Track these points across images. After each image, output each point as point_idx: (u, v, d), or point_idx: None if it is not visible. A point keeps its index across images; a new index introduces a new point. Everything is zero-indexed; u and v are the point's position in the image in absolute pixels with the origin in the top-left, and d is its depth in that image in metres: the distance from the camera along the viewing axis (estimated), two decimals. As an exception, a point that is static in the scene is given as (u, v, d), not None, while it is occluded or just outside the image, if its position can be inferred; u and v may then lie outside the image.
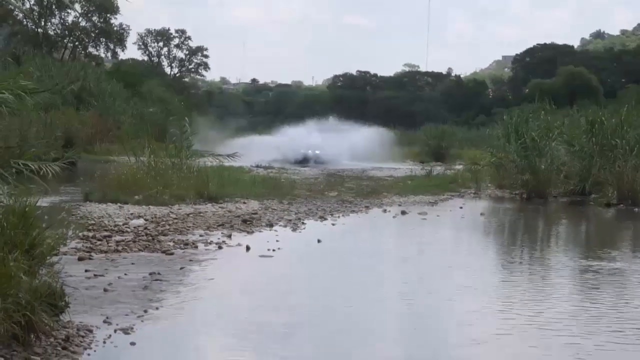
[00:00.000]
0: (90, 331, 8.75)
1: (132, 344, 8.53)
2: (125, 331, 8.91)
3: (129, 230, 16.64)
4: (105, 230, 16.46)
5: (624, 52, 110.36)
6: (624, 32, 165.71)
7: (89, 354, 8.11)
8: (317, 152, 53.98)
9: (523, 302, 11.33)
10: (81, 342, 8.36)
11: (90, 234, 15.63)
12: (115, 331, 8.88)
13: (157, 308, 10.13)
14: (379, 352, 8.87)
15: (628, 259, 15.72)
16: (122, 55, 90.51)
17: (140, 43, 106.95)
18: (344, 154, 52.23)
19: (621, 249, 17.74)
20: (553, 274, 13.94)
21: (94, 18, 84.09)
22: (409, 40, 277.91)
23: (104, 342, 8.48)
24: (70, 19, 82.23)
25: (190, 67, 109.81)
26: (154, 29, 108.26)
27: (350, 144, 53.12)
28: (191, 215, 19.44)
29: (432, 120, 75.24)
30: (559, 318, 10.27)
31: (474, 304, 11.13)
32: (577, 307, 11.09)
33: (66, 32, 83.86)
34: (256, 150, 44.71)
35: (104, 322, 9.21)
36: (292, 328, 9.63)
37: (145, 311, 9.85)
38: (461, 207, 25.08)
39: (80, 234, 15.09)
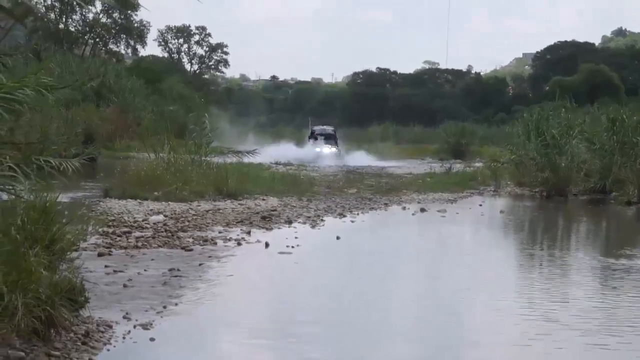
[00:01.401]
0: (110, 327, 8.78)
1: (152, 339, 8.55)
2: (145, 327, 8.94)
3: (148, 226, 16.69)
4: (125, 226, 16.52)
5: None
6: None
7: (108, 350, 8.14)
8: (333, 149, 54.30)
9: (543, 300, 11.28)
10: (101, 337, 8.39)
11: (110, 230, 15.68)
12: (134, 327, 8.91)
13: (176, 304, 10.15)
14: (396, 351, 8.86)
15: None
16: (143, 52, 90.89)
17: (161, 40, 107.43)
18: None
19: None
20: (573, 273, 13.88)
21: (115, 14, 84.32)
22: (428, 37, 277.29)
23: (124, 338, 8.51)
24: (91, 15, 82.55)
25: (210, 63, 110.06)
26: (174, 26, 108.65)
27: None
28: (210, 211, 19.47)
29: (452, 118, 75.12)
30: (579, 317, 10.23)
31: (495, 303, 11.11)
32: (598, 306, 11.03)
33: (87, 29, 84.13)
34: None
35: (124, 317, 9.24)
36: (310, 326, 9.62)
37: (165, 307, 9.88)
38: (481, 205, 25.03)
39: (100, 229, 15.12)
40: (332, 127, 61.72)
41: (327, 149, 54.60)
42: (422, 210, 22.53)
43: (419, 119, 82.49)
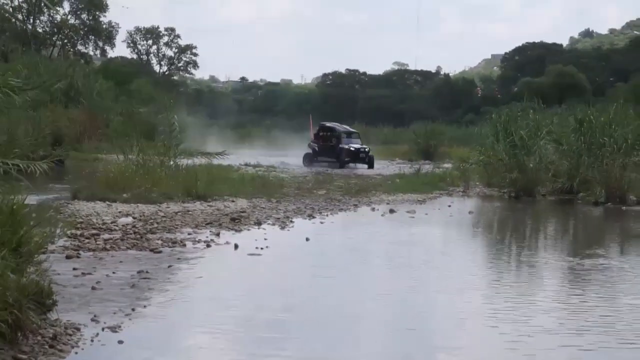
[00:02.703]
0: (78, 329, 8.73)
1: (120, 342, 8.51)
2: (113, 329, 8.89)
3: (117, 228, 16.60)
4: (94, 228, 16.42)
5: (612, 51, 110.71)
6: (612, 31, 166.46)
7: (76, 353, 8.09)
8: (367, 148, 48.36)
9: (511, 300, 11.33)
10: (69, 340, 8.34)
11: (79, 232, 15.57)
12: (103, 329, 8.86)
13: (145, 306, 10.11)
14: (366, 351, 8.89)
15: (615, 257, 15.81)
16: (111, 53, 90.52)
17: (130, 41, 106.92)
18: None
19: (609, 246, 17.84)
20: (541, 273, 13.98)
21: (83, 16, 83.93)
22: (398, 39, 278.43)
23: (92, 341, 8.46)
24: (59, 17, 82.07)
25: (179, 65, 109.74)
26: (143, 27, 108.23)
27: None
28: (179, 213, 19.41)
29: (421, 119, 75.30)
30: (548, 317, 10.30)
31: (462, 303, 11.16)
32: (565, 305, 11.12)
33: (55, 30, 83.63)
34: None
35: (92, 320, 9.19)
36: (280, 327, 9.63)
37: (133, 309, 9.84)
38: (449, 206, 25.13)
39: (69, 232, 15.05)
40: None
41: (359, 146, 47.85)
42: (391, 211, 22.60)
43: (388, 120, 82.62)
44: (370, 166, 47.01)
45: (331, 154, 47.82)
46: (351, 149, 47.45)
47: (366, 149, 48.19)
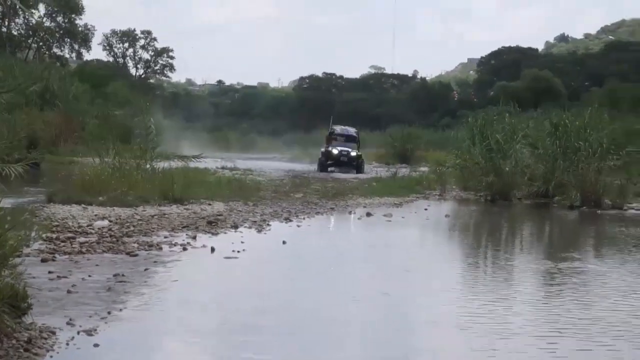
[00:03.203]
0: (53, 333, 8.67)
1: (96, 345, 8.46)
2: (89, 333, 8.84)
3: (93, 231, 16.51)
4: (69, 231, 16.31)
5: (587, 56, 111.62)
6: (587, 35, 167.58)
7: (51, 356, 8.04)
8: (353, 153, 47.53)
9: (486, 303, 11.36)
10: (44, 344, 8.28)
11: (54, 236, 15.46)
12: (78, 333, 8.80)
13: (121, 310, 10.06)
14: (342, 355, 8.88)
15: (591, 260, 15.89)
16: (87, 56, 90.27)
17: (106, 44, 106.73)
18: None
19: (584, 250, 17.95)
20: (516, 275, 14.03)
21: (59, 18, 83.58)
22: (375, 43, 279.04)
23: (67, 344, 8.41)
24: (34, 19, 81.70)
25: (155, 68, 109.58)
26: (120, 30, 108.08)
27: None
28: (156, 216, 19.33)
29: (398, 123, 75.55)
30: (522, 320, 10.33)
31: (437, 306, 11.17)
32: (540, 308, 11.16)
33: (30, 33, 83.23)
34: None
35: (67, 323, 9.13)
36: (256, 330, 9.60)
37: (109, 313, 9.78)
38: (426, 209, 25.18)
39: (44, 235, 14.94)
40: (354, 129, 52.71)
41: (342, 148, 47.28)
42: (368, 214, 22.61)
43: (365, 124, 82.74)
44: (359, 171, 46.22)
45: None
46: (333, 152, 47.01)
47: (350, 152, 47.50)
